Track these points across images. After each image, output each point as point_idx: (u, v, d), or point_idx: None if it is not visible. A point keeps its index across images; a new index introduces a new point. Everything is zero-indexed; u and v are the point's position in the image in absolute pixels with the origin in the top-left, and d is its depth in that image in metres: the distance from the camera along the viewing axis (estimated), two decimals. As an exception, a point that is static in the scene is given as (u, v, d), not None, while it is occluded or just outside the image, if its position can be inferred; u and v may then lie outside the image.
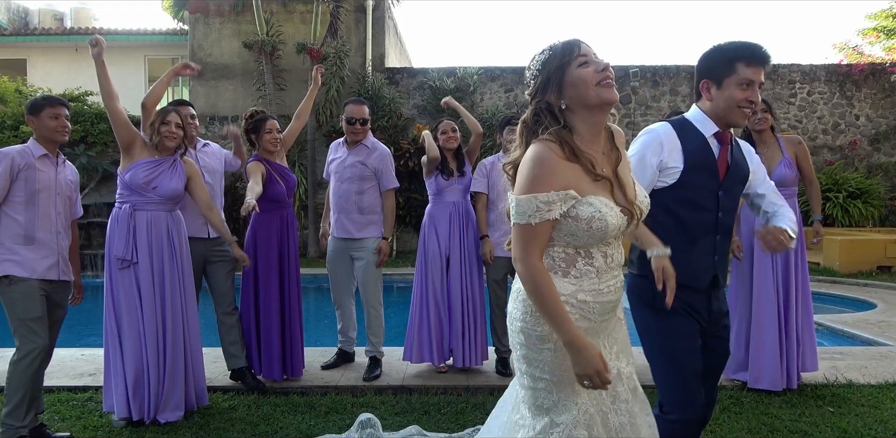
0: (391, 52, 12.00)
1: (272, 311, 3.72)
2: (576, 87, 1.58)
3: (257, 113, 3.89)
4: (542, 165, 1.55)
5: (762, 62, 2.03)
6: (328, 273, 4.22)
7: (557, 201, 1.54)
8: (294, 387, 3.74)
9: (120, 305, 3.17)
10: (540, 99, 1.63)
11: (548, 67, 1.61)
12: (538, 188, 1.54)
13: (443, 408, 3.44)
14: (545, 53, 1.63)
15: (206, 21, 11.12)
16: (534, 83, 1.64)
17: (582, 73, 1.58)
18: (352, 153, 4.06)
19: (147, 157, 3.28)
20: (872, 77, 11.14)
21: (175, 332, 3.22)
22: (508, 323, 1.75)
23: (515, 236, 1.61)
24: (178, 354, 3.21)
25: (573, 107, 1.61)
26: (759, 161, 2.28)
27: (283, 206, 3.85)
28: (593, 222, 1.56)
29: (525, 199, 1.56)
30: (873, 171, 11.12)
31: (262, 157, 3.82)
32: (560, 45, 1.63)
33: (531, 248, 1.58)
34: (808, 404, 3.42)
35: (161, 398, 3.16)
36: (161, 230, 3.25)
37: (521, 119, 1.69)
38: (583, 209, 1.56)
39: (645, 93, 11.17)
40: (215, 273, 3.81)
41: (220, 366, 3.97)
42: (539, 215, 1.55)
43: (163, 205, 3.29)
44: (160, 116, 3.31)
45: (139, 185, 3.22)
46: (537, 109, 1.63)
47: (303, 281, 3.98)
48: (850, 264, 8.53)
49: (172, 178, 3.30)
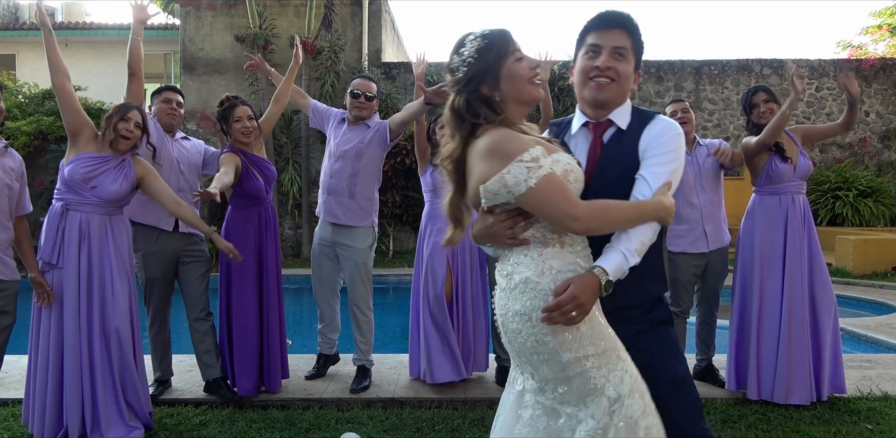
0: (388, 47, 11.70)
1: (247, 318, 3.37)
2: (511, 81, 1.56)
3: (227, 100, 3.53)
4: (508, 137, 1.52)
5: (607, 24, 1.71)
6: (311, 266, 3.86)
7: (540, 156, 1.49)
8: (274, 400, 3.40)
9: (41, 311, 2.87)
10: (474, 88, 1.57)
11: (485, 57, 1.55)
12: (514, 154, 1.48)
13: (437, 425, 3.10)
14: (480, 41, 1.56)
15: (198, 14, 10.82)
16: (465, 70, 1.57)
17: (519, 67, 1.57)
18: (351, 130, 3.71)
19: (92, 152, 2.93)
20: (883, 72, 10.83)
21: (105, 344, 2.87)
22: (516, 327, 1.54)
23: (538, 207, 1.50)
24: (105, 368, 2.86)
25: (505, 99, 1.58)
26: (671, 148, 1.70)
27: (260, 202, 3.50)
28: (570, 175, 1.54)
29: (511, 169, 1.47)
30: (884, 169, 10.82)
31: (236, 148, 3.46)
32: (496, 34, 1.58)
33: (566, 201, 1.48)
34: (843, 420, 3.09)
35: (96, 413, 2.83)
36: (95, 235, 2.89)
37: (448, 107, 1.59)
38: (556, 166, 1.52)
39: (649, 88, 10.87)
40: (188, 275, 3.47)
41: (194, 376, 3.64)
42: (534, 174, 1.47)
43: (100, 207, 2.92)
44: (120, 111, 2.95)
45: (76, 182, 2.87)
46: (471, 99, 1.57)
47: (296, 282, 3.63)
48: (864, 265, 8.23)
49: (116, 179, 2.92)
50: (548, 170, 1.48)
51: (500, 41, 1.57)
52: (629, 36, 1.71)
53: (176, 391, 3.54)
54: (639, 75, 1.78)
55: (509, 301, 1.56)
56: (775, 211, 3.39)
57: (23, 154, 9.28)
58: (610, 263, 1.53)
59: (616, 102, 1.74)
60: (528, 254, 1.55)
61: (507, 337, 1.60)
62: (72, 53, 13.82)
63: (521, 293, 1.52)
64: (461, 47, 1.59)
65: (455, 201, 1.63)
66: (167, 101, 3.53)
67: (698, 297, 3.73)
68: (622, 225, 1.56)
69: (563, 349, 1.50)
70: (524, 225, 1.54)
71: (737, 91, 10.69)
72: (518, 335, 1.55)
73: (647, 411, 1.53)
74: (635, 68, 1.74)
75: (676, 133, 1.72)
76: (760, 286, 3.36)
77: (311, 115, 3.94)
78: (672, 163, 1.67)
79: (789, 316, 3.27)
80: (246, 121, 3.44)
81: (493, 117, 1.55)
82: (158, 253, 3.41)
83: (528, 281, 1.52)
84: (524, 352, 1.56)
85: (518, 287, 1.53)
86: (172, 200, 3.08)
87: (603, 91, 1.70)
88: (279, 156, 10.23)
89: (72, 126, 2.93)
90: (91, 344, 2.85)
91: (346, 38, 10.46)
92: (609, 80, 1.69)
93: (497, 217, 1.56)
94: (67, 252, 2.85)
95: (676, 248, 3.58)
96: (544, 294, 1.50)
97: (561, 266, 1.53)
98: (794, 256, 3.32)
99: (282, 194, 10.21)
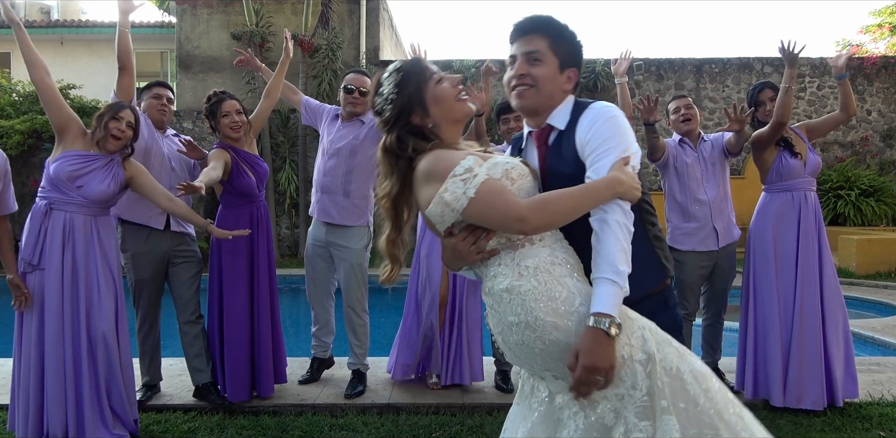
0: (386, 45, 11.61)
1: (238, 321, 3.25)
2: (440, 104, 1.57)
3: (215, 95, 3.41)
4: (438, 158, 1.50)
5: (519, 33, 1.66)
6: (305, 267, 3.74)
7: (472, 166, 1.45)
8: (266, 406, 3.29)
9: (23, 314, 2.77)
10: (404, 122, 1.56)
11: (406, 89, 1.56)
12: (447, 171, 1.46)
13: (434, 431, 3.00)
14: (396, 75, 1.57)
15: (194, 12, 10.74)
16: (391, 108, 1.57)
17: (442, 89, 1.58)
18: (345, 127, 3.60)
19: (80, 149, 2.82)
20: (885, 70, 10.74)
21: (90, 349, 2.76)
22: (518, 338, 1.47)
23: (483, 217, 1.45)
24: (90, 373, 2.75)
25: (438, 123, 1.58)
26: (613, 145, 1.57)
27: (252, 200, 3.39)
28: (512, 172, 1.50)
29: (447, 187, 1.44)
30: (886, 168, 10.74)
31: (225, 144, 3.35)
32: (409, 65, 1.60)
33: (506, 205, 1.42)
34: (854, 426, 2.98)
35: (80, 419, 2.72)
36: (80, 236, 2.78)
37: (381, 148, 1.58)
38: (494, 169, 1.48)
39: (649, 86, 10.78)
40: (178, 276, 3.36)
41: (184, 381, 3.53)
42: (471, 185, 1.43)
43: (86, 207, 2.81)
44: (112, 110, 2.84)
45: (61, 181, 2.76)
46: (401, 134, 1.56)
47: (293, 282, 3.52)
48: (867, 265, 8.13)
49: (104, 179, 2.81)
50: (484, 177, 1.44)
51: (415, 70, 1.58)
52: (544, 37, 1.63)
53: (165, 396, 3.43)
54: (574, 73, 1.66)
55: (502, 315, 1.49)
56: (788, 208, 3.30)
57: (16, 153, 9.34)
58: (603, 302, 1.41)
59: (546, 106, 1.66)
60: (502, 263, 1.51)
61: (513, 351, 1.52)
62: (67, 51, 13.75)
63: (509, 302, 1.47)
64: (379, 87, 1.59)
65: (392, 238, 1.61)
66: (157, 97, 3.41)
67: (706, 299, 3.63)
68: (576, 212, 1.47)
69: (572, 338, 1.43)
70: (485, 235, 1.49)
71: (738, 89, 10.60)
72: (522, 346, 1.47)
73: (682, 355, 1.47)
74: (564, 67, 1.64)
75: (606, 118, 1.58)
76: (777, 286, 3.25)
77: (304, 112, 3.84)
78: (613, 151, 1.53)
79: (801, 317, 3.17)
80: (234, 116, 3.33)
81: (425, 146, 1.54)
82: (148, 253, 3.30)
83: (510, 288, 1.46)
84: (536, 359, 1.48)
85: (503, 297, 1.47)
86: (165, 197, 2.98)
87: (523, 98, 1.64)
88: (276, 155, 10.13)
89: (56, 121, 2.83)
90: (75, 348, 2.75)
91: (343, 36, 10.37)
92: (527, 87, 1.63)
93: (458, 237, 1.52)
94: (50, 252, 2.74)
95: (685, 246, 3.49)
96: (531, 295, 1.44)
97: (536, 263, 1.47)
98: (808, 255, 3.22)
99: (279, 193, 10.11)
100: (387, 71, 1.59)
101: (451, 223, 1.51)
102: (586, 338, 1.39)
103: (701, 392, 1.42)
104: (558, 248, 1.52)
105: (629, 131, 1.59)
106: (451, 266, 1.60)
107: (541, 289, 1.44)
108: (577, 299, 1.45)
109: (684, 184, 3.55)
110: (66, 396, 2.73)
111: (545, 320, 1.42)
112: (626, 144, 1.55)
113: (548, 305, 1.43)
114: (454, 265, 1.59)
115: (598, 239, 1.48)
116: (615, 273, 1.43)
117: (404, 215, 1.59)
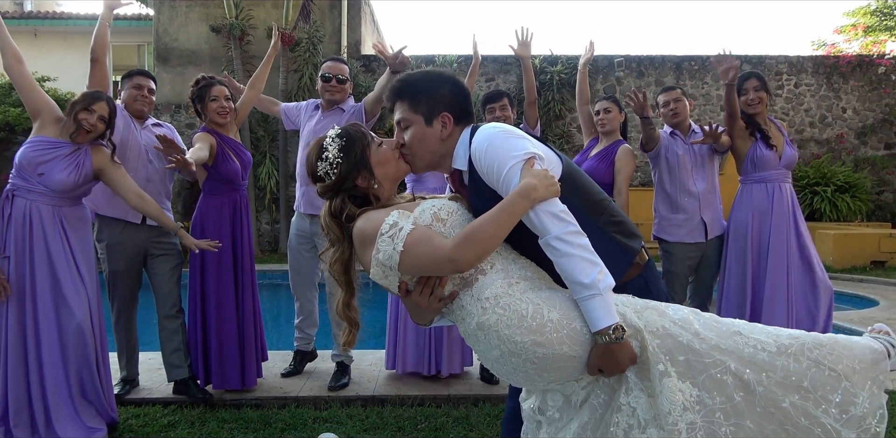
0: (367, 40, 11.52)
1: (227, 311, 3.20)
2: (384, 166, 1.63)
3: (203, 78, 3.35)
4: (364, 222, 1.52)
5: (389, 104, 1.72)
6: (288, 258, 3.69)
7: (397, 221, 1.47)
8: (247, 399, 3.24)
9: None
10: (350, 186, 1.59)
11: (351, 154, 1.59)
12: (374, 232, 1.47)
13: (420, 423, 2.98)
14: (339, 141, 1.60)
15: (172, 4, 10.54)
16: (336, 173, 1.59)
17: (384, 152, 1.63)
18: (325, 116, 3.56)
19: (49, 136, 2.74)
20: (860, 69, 10.91)
21: (60, 340, 2.68)
22: (509, 368, 1.49)
23: (418, 267, 1.47)
24: (57, 366, 2.67)
25: (381, 182, 1.62)
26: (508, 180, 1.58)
27: (236, 188, 3.33)
28: (440, 213, 1.53)
29: (378, 247, 1.46)
30: (860, 165, 10.92)
31: (211, 129, 3.28)
32: (352, 131, 1.63)
33: (433, 250, 1.43)
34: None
35: (48, 413, 2.64)
36: (48, 226, 2.69)
37: (327, 213, 1.60)
38: (422, 216, 1.51)
39: (630, 83, 10.83)
40: (157, 269, 3.29)
41: (163, 374, 3.45)
42: (398, 239, 1.44)
43: (47, 197, 2.72)
44: (86, 100, 2.75)
45: (23, 167, 2.68)
46: (346, 198, 1.59)
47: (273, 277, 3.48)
48: (844, 259, 8.27)
49: (66, 168, 2.71)
50: (409, 228, 1.46)
51: (357, 135, 1.62)
52: (404, 101, 1.66)
53: (143, 390, 3.37)
54: (447, 116, 1.63)
55: (484, 351, 1.51)
56: (762, 199, 3.39)
57: (-12, 146, 9.10)
58: (594, 318, 1.42)
59: (438, 159, 1.67)
60: (465, 303, 1.51)
61: (511, 379, 1.55)
62: (42, 43, 13.44)
63: (485, 338, 1.48)
64: (323, 152, 1.60)
65: (346, 301, 1.61)
66: (138, 88, 3.31)
67: (691, 289, 3.66)
68: (502, 233, 1.46)
69: (557, 347, 1.44)
70: (439, 282, 1.50)
71: (717, 86, 10.69)
72: (516, 372, 1.49)
73: (661, 312, 1.50)
74: (430, 119, 1.63)
75: (485, 148, 1.56)
76: (751, 276, 3.32)
77: (284, 118, 3.83)
78: (513, 171, 1.51)
79: (770, 306, 3.26)
80: (223, 101, 3.28)
81: (356, 211, 1.56)
82: (123, 244, 3.22)
83: (480, 324, 1.48)
84: (535, 379, 1.50)
85: (478, 335, 1.49)
86: (135, 194, 2.89)
87: (411, 165, 1.69)
88: (256, 149, 10.01)
89: (31, 106, 2.76)
90: (38, 339, 2.66)
91: (324, 30, 10.27)
92: (408, 154, 1.67)
93: (414, 292, 1.52)
94: (12, 241, 2.66)
95: (673, 238, 3.53)
96: (502, 323, 1.45)
97: (494, 291, 1.48)
98: (779, 244, 3.31)
99: (259, 188, 10.00)
100: (328, 136, 1.62)
101: (397, 281, 1.50)
102: (600, 355, 1.43)
103: (693, 338, 1.44)
104: (512, 268, 1.53)
105: (515, 141, 1.56)
106: (421, 320, 1.60)
107: (508, 315, 1.45)
108: (544, 308, 1.46)
109: (675, 175, 3.57)
110: (30, 388, 2.64)
111: (524, 341, 1.43)
112: (519, 157, 1.52)
113: (520, 326, 1.44)
114: (423, 319, 1.59)
115: (554, 263, 1.48)
116: (585, 287, 1.43)
117: (357, 279, 1.61)
